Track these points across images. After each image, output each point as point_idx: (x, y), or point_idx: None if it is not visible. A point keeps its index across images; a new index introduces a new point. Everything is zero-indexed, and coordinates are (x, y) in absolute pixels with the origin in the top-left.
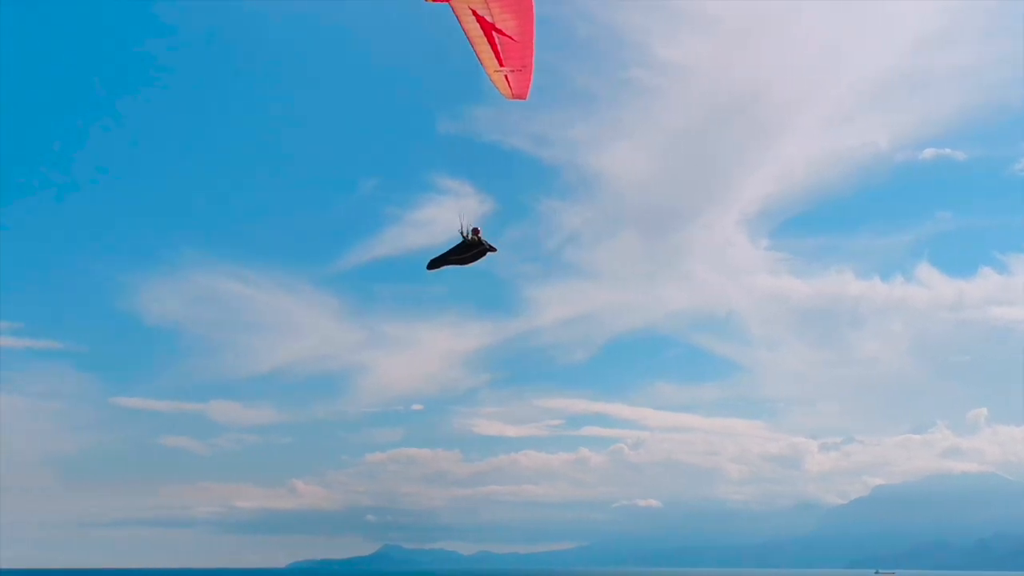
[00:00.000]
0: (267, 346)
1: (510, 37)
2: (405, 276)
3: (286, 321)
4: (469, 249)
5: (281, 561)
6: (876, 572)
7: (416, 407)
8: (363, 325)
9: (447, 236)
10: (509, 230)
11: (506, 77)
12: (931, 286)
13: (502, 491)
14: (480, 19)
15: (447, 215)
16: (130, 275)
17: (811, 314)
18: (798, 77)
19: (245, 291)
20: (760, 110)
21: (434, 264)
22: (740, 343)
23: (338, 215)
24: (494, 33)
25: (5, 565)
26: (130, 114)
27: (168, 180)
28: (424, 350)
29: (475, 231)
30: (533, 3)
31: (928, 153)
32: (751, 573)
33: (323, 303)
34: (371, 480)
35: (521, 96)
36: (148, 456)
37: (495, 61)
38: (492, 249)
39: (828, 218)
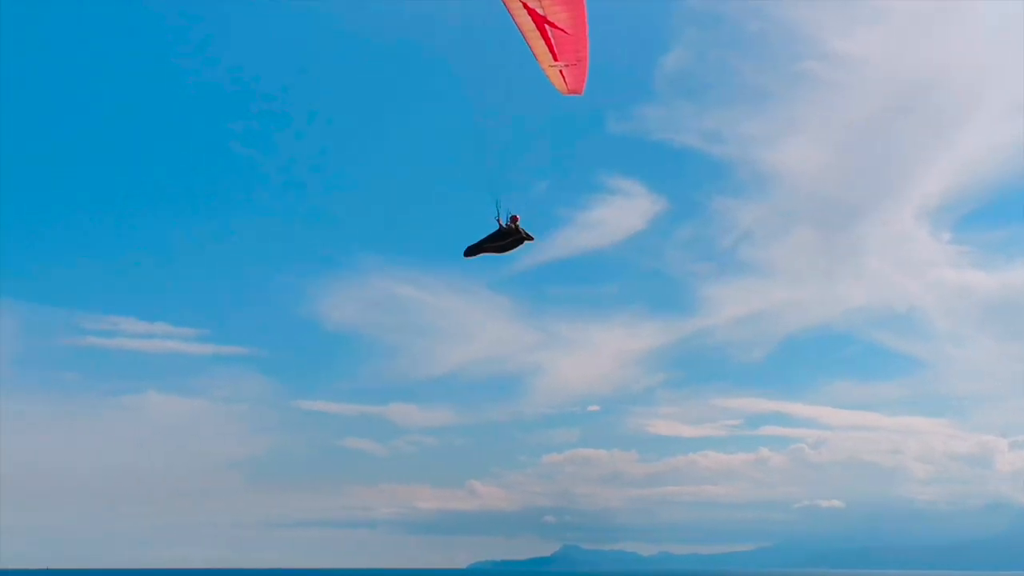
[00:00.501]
0: (443, 349)
1: (563, 30)
2: (578, 277)
3: (461, 324)
4: (506, 237)
5: (461, 562)
6: None
7: (592, 408)
8: (537, 327)
9: (618, 235)
10: (681, 228)
11: (561, 72)
12: None
13: (680, 491)
14: (531, 12)
15: (618, 215)
16: (310, 282)
17: (998, 308)
18: (978, 63)
19: (421, 296)
20: (939, 98)
21: (471, 251)
22: (922, 339)
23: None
24: (546, 26)
25: (202, 565)
26: (311, 124)
27: (347, 188)
28: (598, 351)
29: (513, 219)
30: None
31: None
32: (939, 575)
33: (497, 305)
34: (548, 481)
35: (577, 91)
36: (330, 458)
37: (549, 56)
38: (529, 238)
39: (1013, 209)
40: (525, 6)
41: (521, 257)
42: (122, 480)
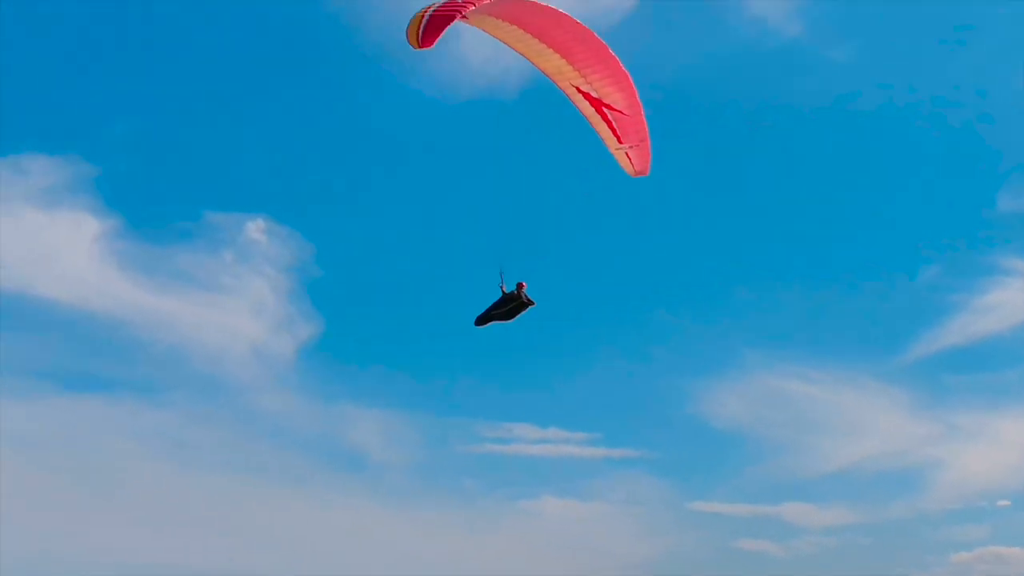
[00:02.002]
0: (835, 444)
1: (620, 111)
2: (976, 365)
3: (853, 417)
4: (509, 303)
5: None
6: None
7: (1001, 503)
8: (935, 417)
9: (1017, 319)
10: None
11: (627, 154)
12: None
13: None
14: (586, 96)
15: (1016, 298)
16: (696, 381)
17: None
18: None
19: (809, 390)
20: None
21: (480, 321)
22: None
23: (898, 306)
24: (604, 109)
25: None
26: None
27: (728, 286)
28: (1004, 441)
29: (519, 285)
30: (628, 73)
31: None
32: None
33: (890, 397)
34: None
35: (643, 172)
36: (727, 559)
37: (614, 139)
38: (531, 303)
39: None
40: (579, 90)
41: (912, 347)
42: None
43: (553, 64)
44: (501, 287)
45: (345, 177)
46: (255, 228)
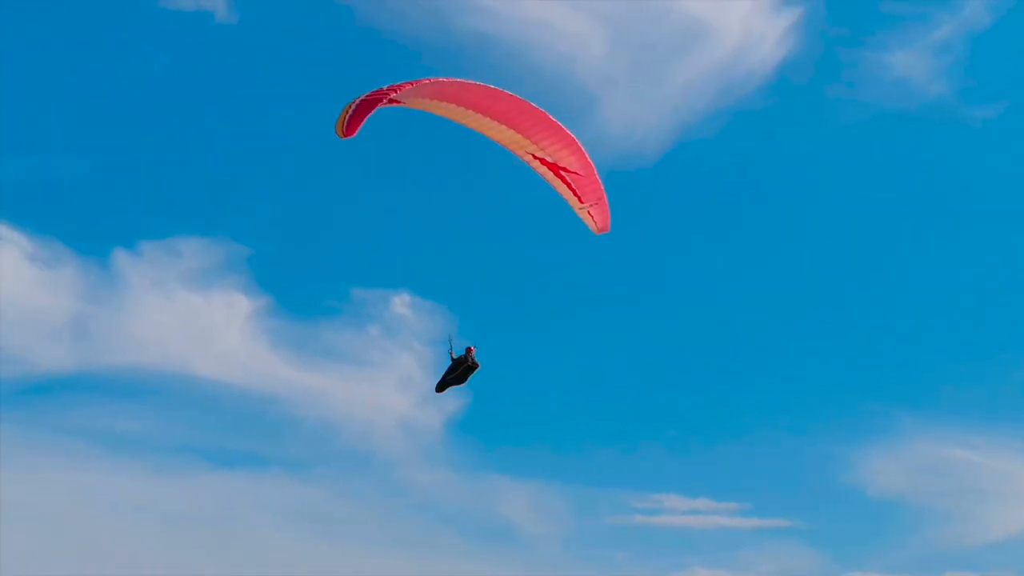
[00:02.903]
0: (999, 511)
1: (576, 173)
2: None
3: (1017, 484)
4: (458, 367)
5: None
6: None
7: None
8: None
9: None
10: None
11: (589, 212)
12: None
13: None
14: (543, 161)
15: None
16: (849, 448)
17: None
18: None
19: (970, 456)
20: None
21: (439, 388)
22: None
23: None
24: (562, 172)
25: None
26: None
27: (881, 352)
28: None
29: (468, 349)
30: (574, 137)
31: None
32: None
33: None
34: None
35: (605, 229)
36: None
37: (576, 199)
38: (476, 366)
39: None
40: (535, 156)
41: None
42: None
43: (506, 136)
44: (450, 353)
45: (486, 250)
46: (400, 303)
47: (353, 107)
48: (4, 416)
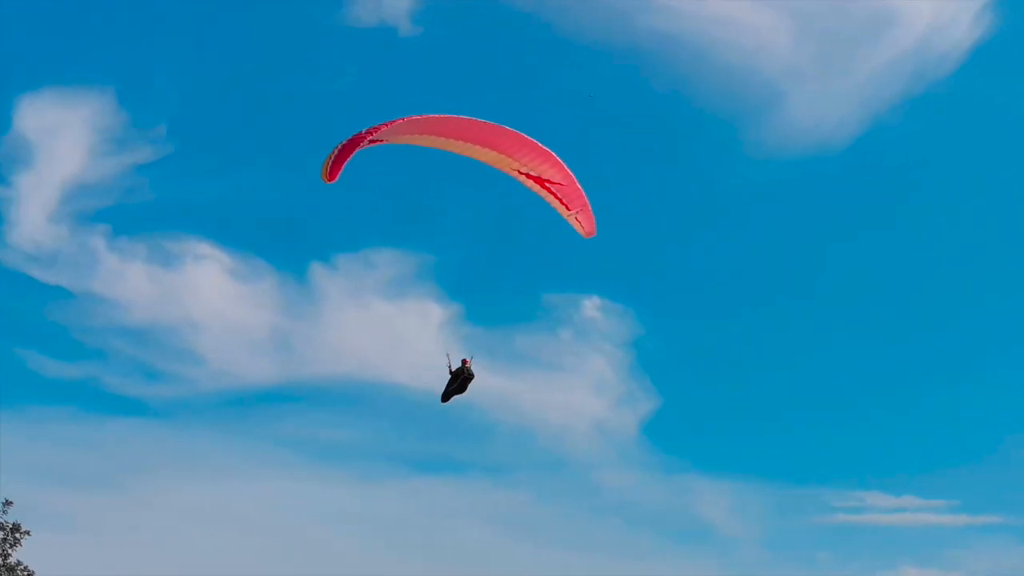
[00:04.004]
0: None
1: (560, 183)
2: None
3: None
4: (457, 378)
5: None
6: None
7: None
8: None
9: None
10: None
11: (576, 218)
12: None
13: None
14: (528, 176)
15: None
16: None
17: None
18: None
19: None
20: None
21: (444, 398)
22: None
23: None
24: (547, 184)
25: None
26: None
27: None
28: None
29: (464, 361)
30: (551, 151)
31: None
32: None
33: None
34: None
35: (592, 233)
36: None
37: (563, 208)
38: (471, 376)
39: None
40: (520, 172)
41: None
42: None
43: (492, 157)
44: (448, 366)
45: (672, 251)
46: (591, 306)
47: (336, 152)
48: (216, 427)
